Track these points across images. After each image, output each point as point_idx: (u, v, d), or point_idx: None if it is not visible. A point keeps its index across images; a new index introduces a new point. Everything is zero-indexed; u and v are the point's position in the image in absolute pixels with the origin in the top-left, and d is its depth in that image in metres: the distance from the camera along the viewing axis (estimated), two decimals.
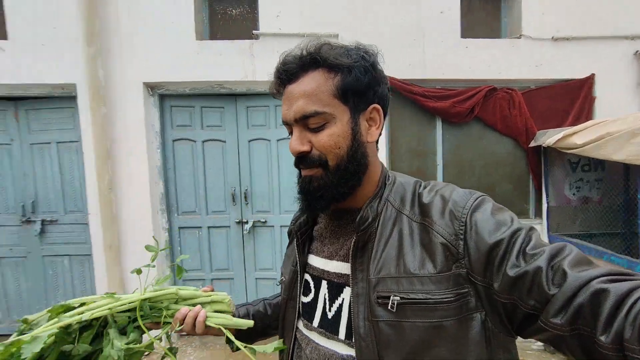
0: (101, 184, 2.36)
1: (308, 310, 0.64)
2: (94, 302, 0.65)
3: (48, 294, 2.76)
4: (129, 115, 2.45)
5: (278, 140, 2.68)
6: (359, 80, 0.56)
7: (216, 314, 0.67)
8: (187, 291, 0.69)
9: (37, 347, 0.55)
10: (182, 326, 0.65)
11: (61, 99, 2.59)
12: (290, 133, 0.61)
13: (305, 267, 0.67)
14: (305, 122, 0.57)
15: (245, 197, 2.72)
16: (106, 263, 2.42)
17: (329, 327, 0.60)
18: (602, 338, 0.38)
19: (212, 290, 0.72)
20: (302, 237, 0.68)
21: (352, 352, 0.56)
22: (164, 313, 0.66)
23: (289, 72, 0.58)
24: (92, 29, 2.30)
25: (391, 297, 0.51)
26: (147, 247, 0.72)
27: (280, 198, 2.73)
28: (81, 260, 2.72)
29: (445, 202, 0.55)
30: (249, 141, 2.69)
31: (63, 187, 2.69)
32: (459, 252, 0.50)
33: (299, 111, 0.56)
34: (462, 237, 0.51)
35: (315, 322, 0.62)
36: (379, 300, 0.52)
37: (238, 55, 2.47)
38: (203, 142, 2.69)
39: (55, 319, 0.61)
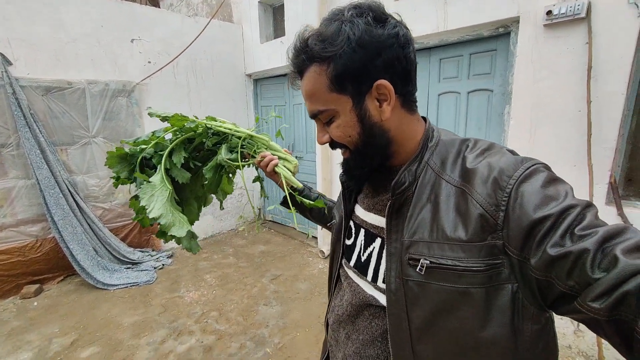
0: None
1: (348, 252, 0.72)
2: (224, 122, 0.92)
3: None
4: None
5: (469, 92, 2.50)
6: (349, 65, 0.53)
7: (283, 167, 0.87)
8: (275, 144, 0.93)
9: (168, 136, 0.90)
10: (261, 160, 0.88)
11: None
12: None
13: (351, 214, 0.74)
14: (318, 118, 0.61)
15: None
16: (322, 191, 3.38)
17: (361, 268, 0.67)
18: None
19: (290, 154, 0.93)
20: (350, 188, 0.73)
21: (375, 293, 0.63)
22: (255, 149, 0.91)
23: (295, 67, 0.60)
24: (322, 15, 3.07)
25: (421, 260, 0.53)
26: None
27: None
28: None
29: (491, 169, 0.51)
30: (439, 95, 2.69)
31: (307, 134, 3.91)
32: (497, 224, 0.48)
33: (309, 110, 0.61)
34: (503, 208, 0.48)
35: (352, 262, 0.70)
36: (410, 262, 0.55)
37: (431, 6, 2.47)
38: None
39: (199, 121, 0.88)
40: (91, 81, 3.26)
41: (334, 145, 0.63)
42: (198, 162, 0.95)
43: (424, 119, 0.65)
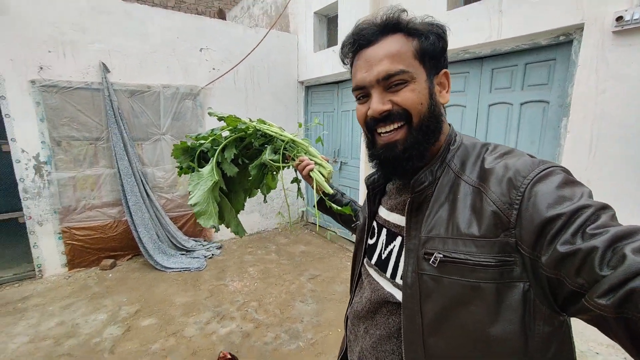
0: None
1: (370, 251, 0.75)
2: (272, 125, 1.04)
3: None
4: None
5: (522, 103, 2.39)
6: (434, 45, 0.60)
7: (318, 172, 0.94)
8: (313, 150, 1.02)
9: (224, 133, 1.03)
10: (299, 164, 0.96)
11: None
12: (360, 98, 0.65)
13: (374, 215, 0.77)
14: (387, 83, 0.59)
15: None
16: (364, 194, 3.43)
17: (381, 266, 0.70)
18: None
19: (327, 161, 1.00)
20: (375, 191, 0.78)
21: (393, 290, 0.65)
22: (296, 152, 1.00)
23: (368, 36, 0.61)
24: None
25: (434, 254, 0.56)
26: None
27: None
28: (354, 192, 3.98)
29: (507, 169, 0.53)
30: (489, 105, 2.60)
31: (352, 141, 4.00)
32: (510, 222, 0.50)
33: (383, 70, 0.58)
34: (517, 206, 0.49)
35: (373, 260, 0.73)
36: (425, 256, 0.57)
37: (484, 15, 2.42)
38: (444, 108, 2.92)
39: (250, 122, 1.02)
40: (165, 85, 3.72)
41: (392, 116, 0.60)
42: (246, 159, 1.08)
43: (451, 126, 0.69)
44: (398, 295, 0.63)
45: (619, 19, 1.81)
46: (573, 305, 0.44)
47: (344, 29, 3.76)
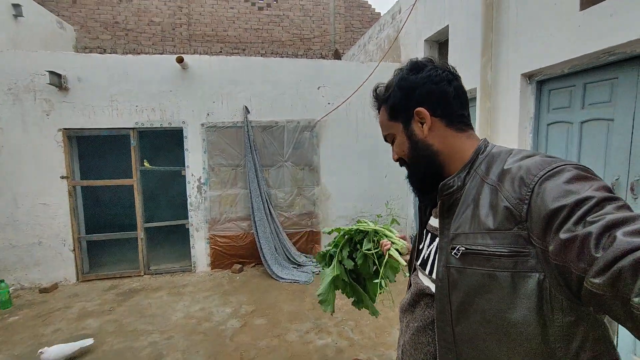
0: None
1: (418, 254, 0.85)
2: (366, 223, 1.32)
3: None
4: (509, 106, 2.85)
5: None
6: (394, 103, 0.75)
7: (395, 250, 1.10)
8: (391, 233, 1.19)
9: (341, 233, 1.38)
10: (383, 245, 1.15)
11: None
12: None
13: (425, 224, 0.86)
14: (387, 141, 0.83)
15: (632, 189, 2.10)
16: None
17: (423, 265, 0.79)
18: (636, 300, 0.37)
19: (403, 238, 1.15)
20: (424, 203, 0.87)
21: (429, 283, 0.74)
22: (379, 238, 1.21)
23: (376, 107, 0.84)
24: (487, 42, 2.95)
25: (458, 247, 0.63)
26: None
27: None
28: None
29: (520, 169, 0.58)
30: None
31: None
32: (521, 216, 0.54)
33: (383, 135, 0.83)
34: (527, 202, 0.54)
35: (419, 261, 0.83)
36: (452, 251, 0.65)
37: (636, 7, 1.96)
38: (581, 123, 2.42)
39: (350, 227, 1.38)
40: (289, 120, 4.41)
41: (401, 162, 0.81)
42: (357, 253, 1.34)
43: (484, 139, 0.75)
44: (433, 288, 0.70)
45: None
46: (582, 292, 0.46)
47: (454, 53, 3.65)
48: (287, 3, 8.16)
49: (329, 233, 1.45)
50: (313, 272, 4.08)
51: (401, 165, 0.82)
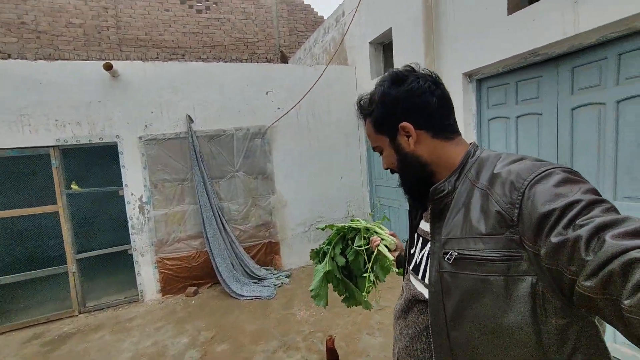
0: None
1: (410, 258, 0.85)
2: (358, 221, 1.33)
3: None
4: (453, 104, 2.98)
5: (618, 101, 1.98)
6: (378, 117, 0.76)
7: (384, 246, 1.13)
8: (380, 229, 1.22)
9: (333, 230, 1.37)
10: (372, 242, 1.16)
11: None
12: None
13: (416, 228, 0.85)
14: (375, 151, 0.84)
15: None
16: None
17: (415, 269, 0.79)
18: (627, 302, 0.38)
19: (393, 235, 1.17)
20: (414, 206, 0.88)
21: (422, 289, 0.73)
22: (369, 234, 1.23)
23: (362, 117, 0.84)
24: (429, 44, 3.06)
25: (450, 252, 0.63)
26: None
27: (617, 178, 2.01)
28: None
29: (510, 173, 0.58)
30: (572, 109, 2.22)
31: None
32: (513, 220, 0.54)
33: (372, 146, 0.84)
34: (517, 206, 0.54)
35: (411, 265, 0.82)
36: (444, 256, 0.64)
37: (554, 10, 2.14)
38: (517, 117, 2.60)
39: (343, 225, 1.39)
40: (237, 128, 4.18)
41: (391, 170, 0.81)
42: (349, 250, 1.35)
43: (473, 143, 0.76)
44: (426, 293, 0.70)
45: None
46: (574, 294, 0.46)
47: (399, 54, 3.75)
48: (227, 6, 7.85)
49: (323, 229, 1.49)
50: (275, 285, 3.90)
51: (392, 173, 0.82)
